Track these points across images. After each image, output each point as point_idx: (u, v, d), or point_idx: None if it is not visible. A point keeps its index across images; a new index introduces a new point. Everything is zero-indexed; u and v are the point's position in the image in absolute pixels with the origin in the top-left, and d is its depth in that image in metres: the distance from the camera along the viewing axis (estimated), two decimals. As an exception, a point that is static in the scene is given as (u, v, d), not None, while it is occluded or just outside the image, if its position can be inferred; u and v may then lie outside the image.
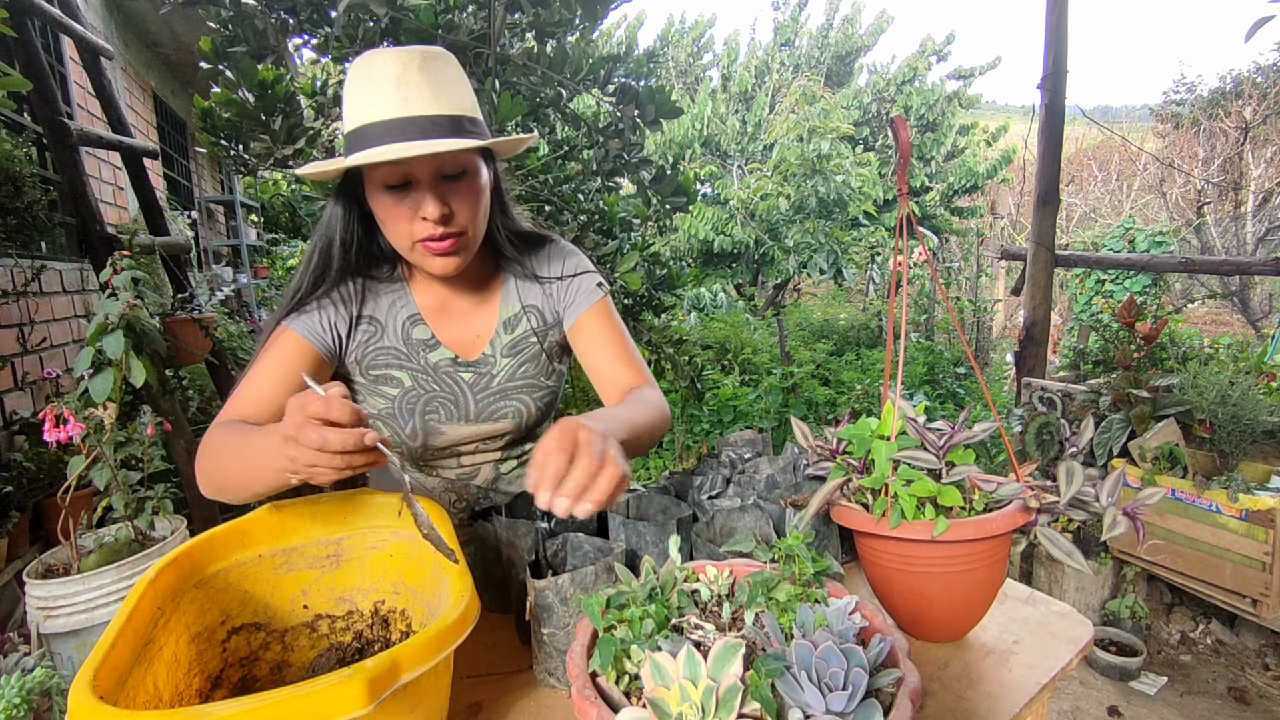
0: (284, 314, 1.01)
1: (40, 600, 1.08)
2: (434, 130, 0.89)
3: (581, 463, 0.67)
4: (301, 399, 0.68)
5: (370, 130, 0.89)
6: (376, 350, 1.08)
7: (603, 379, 1.11)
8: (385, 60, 0.89)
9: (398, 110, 0.88)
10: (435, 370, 1.10)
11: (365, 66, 0.90)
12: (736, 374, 5.75)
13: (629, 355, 1.12)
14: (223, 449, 0.85)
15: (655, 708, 0.55)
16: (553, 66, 2.54)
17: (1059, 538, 0.82)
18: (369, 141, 0.89)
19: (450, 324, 1.11)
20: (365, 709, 0.54)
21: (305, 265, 1.04)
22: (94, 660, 0.59)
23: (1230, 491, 2.36)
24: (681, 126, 10.09)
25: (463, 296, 1.12)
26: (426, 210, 0.92)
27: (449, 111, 0.91)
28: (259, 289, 6.07)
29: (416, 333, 1.09)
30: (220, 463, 0.85)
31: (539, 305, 1.16)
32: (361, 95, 0.90)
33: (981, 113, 12.93)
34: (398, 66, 0.89)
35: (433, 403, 1.10)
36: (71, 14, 2.62)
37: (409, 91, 0.88)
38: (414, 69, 0.89)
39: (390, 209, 0.94)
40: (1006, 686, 0.80)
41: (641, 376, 1.10)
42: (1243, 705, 2.45)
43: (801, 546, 0.73)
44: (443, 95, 0.91)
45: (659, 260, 3.25)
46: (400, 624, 0.87)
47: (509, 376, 1.13)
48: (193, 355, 2.69)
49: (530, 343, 1.15)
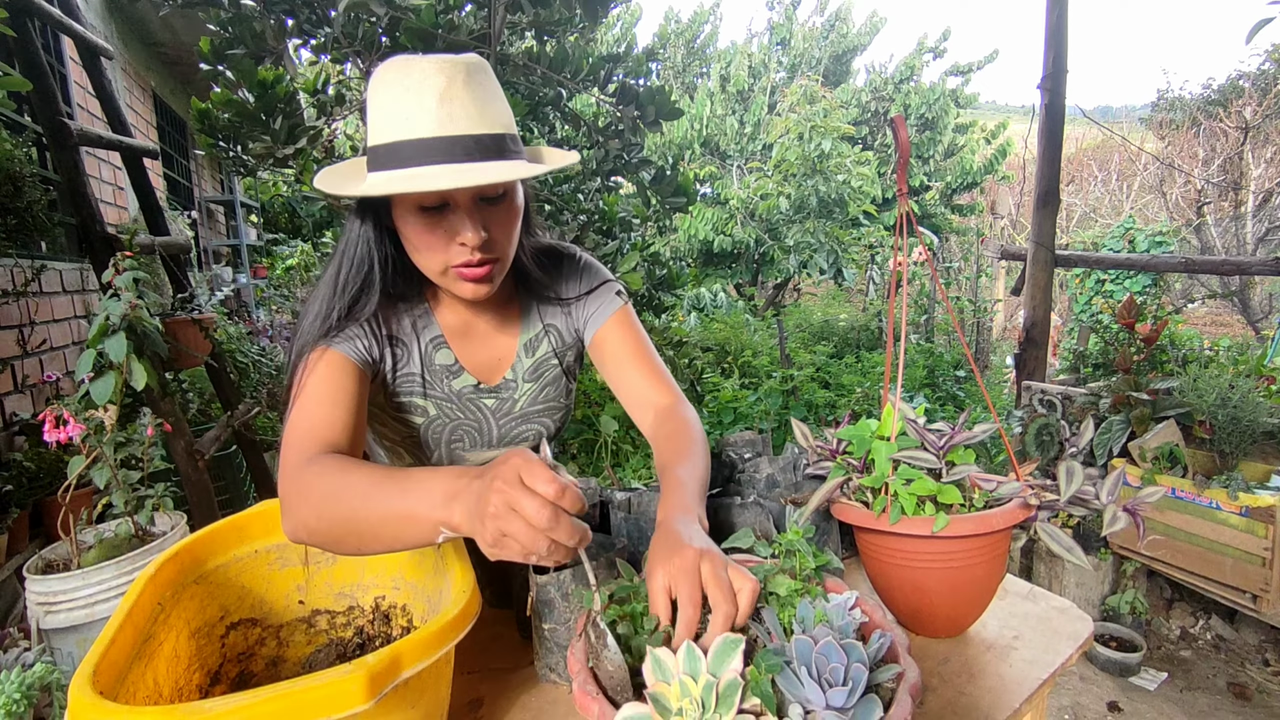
0: (319, 338, 0.92)
1: (40, 595, 1.08)
2: (479, 152, 0.82)
3: (718, 618, 0.64)
4: (528, 466, 0.59)
5: (406, 148, 0.81)
6: (403, 376, 1.03)
7: (631, 397, 1.08)
8: (427, 71, 0.81)
9: (441, 128, 0.81)
10: (459, 398, 1.07)
11: (401, 75, 0.82)
12: (736, 377, 5.75)
13: (656, 370, 1.09)
14: (346, 490, 0.71)
15: (656, 703, 0.55)
16: (553, 66, 2.54)
17: (1059, 533, 0.82)
18: (405, 160, 0.82)
19: (473, 347, 1.08)
20: (366, 704, 0.54)
21: (334, 288, 0.95)
22: (94, 656, 0.59)
23: (1230, 490, 2.37)
24: (680, 127, 10.10)
25: (485, 318, 1.08)
26: (465, 237, 0.86)
27: (493, 130, 0.84)
28: (259, 289, 6.07)
29: (440, 357, 1.05)
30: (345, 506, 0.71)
31: (559, 325, 1.13)
32: (399, 107, 0.82)
33: (981, 112, 12.96)
34: (441, 79, 0.81)
35: (458, 431, 1.07)
36: (71, 14, 2.62)
37: (454, 108, 0.81)
38: (459, 83, 0.82)
39: (423, 233, 0.88)
40: (1006, 682, 0.80)
41: (672, 393, 1.06)
42: (1243, 701, 2.45)
43: (802, 541, 0.73)
44: (488, 113, 0.84)
45: (659, 260, 3.26)
46: (401, 619, 0.87)
47: (531, 401, 1.11)
48: (193, 359, 2.69)
49: (551, 365, 1.13)
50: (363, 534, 0.70)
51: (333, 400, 0.87)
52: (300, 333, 0.95)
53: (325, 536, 0.73)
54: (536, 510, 0.57)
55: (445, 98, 0.81)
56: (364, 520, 0.69)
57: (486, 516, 0.59)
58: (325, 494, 0.72)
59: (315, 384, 0.88)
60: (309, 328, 0.93)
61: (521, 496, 0.58)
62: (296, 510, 0.74)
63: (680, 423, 0.99)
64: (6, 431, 2.20)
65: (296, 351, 0.93)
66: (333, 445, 0.82)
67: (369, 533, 0.69)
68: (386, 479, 0.69)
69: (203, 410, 3.26)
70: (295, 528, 0.74)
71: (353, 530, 0.70)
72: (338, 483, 0.72)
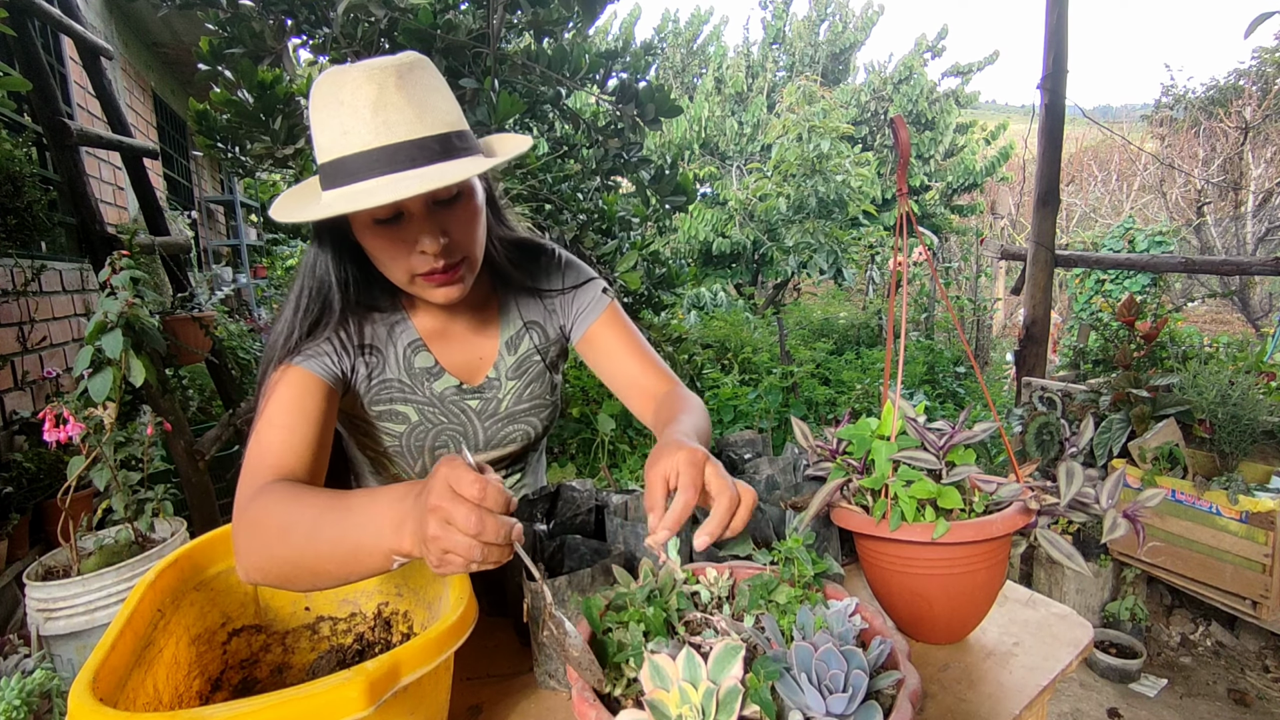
0: (280, 357, 0.90)
1: (40, 602, 1.08)
2: (422, 157, 0.80)
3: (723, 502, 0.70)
4: (454, 473, 0.59)
5: (350, 163, 0.80)
6: (380, 383, 1.02)
7: (628, 387, 1.08)
8: (356, 81, 0.79)
9: (379, 138, 0.79)
10: (441, 401, 1.05)
11: (333, 89, 0.80)
12: (736, 373, 5.75)
13: (650, 359, 1.09)
14: (293, 527, 0.68)
15: (654, 710, 0.55)
16: (551, 65, 2.54)
17: (1059, 540, 0.82)
18: (350, 175, 0.80)
19: (452, 349, 1.06)
20: (366, 711, 0.54)
21: (295, 309, 0.93)
22: (94, 662, 0.59)
23: (1230, 493, 2.37)
24: (679, 127, 10.10)
25: (463, 319, 1.07)
26: (424, 244, 0.85)
27: (435, 131, 0.82)
28: (258, 289, 6.08)
29: (419, 361, 1.04)
30: (291, 545, 0.68)
31: (540, 320, 1.12)
32: (336, 121, 0.80)
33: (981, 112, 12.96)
34: (372, 87, 0.79)
35: (441, 436, 1.06)
36: (71, 14, 2.62)
37: (389, 115, 0.79)
38: (390, 88, 0.79)
39: (383, 245, 0.86)
40: (1006, 688, 0.80)
41: (668, 379, 1.07)
42: (1243, 707, 2.45)
43: (801, 549, 0.73)
44: (426, 114, 0.82)
45: (658, 259, 3.26)
46: (402, 626, 0.87)
47: (516, 400, 1.10)
48: (193, 354, 2.70)
49: (534, 361, 1.12)
50: (315, 570, 0.68)
51: (289, 424, 0.84)
52: (265, 352, 0.94)
53: (277, 576, 0.70)
54: (464, 518, 0.57)
55: (379, 105, 0.79)
56: (314, 556, 0.67)
57: (428, 539, 0.58)
58: (273, 531, 0.70)
59: (273, 408, 0.86)
60: (271, 347, 0.92)
61: (453, 508, 0.58)
62: (246, 553, 0.71)
63: (682, 399, 1.01)
64: (6, 430, 2.20)
65: (261, 373, 0.92)
66: (287, 471, 0.79)
67: (320, 569, 0.67)
68: (331, 508, 0.67)
69: (203, 408, 3.27)
70: (248, 571, 0.72)
71: (303, 567, 0.68)
72: (284, 518, 0.69)
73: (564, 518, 0.97)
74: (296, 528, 0.68)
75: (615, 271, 2.82)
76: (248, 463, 0.81)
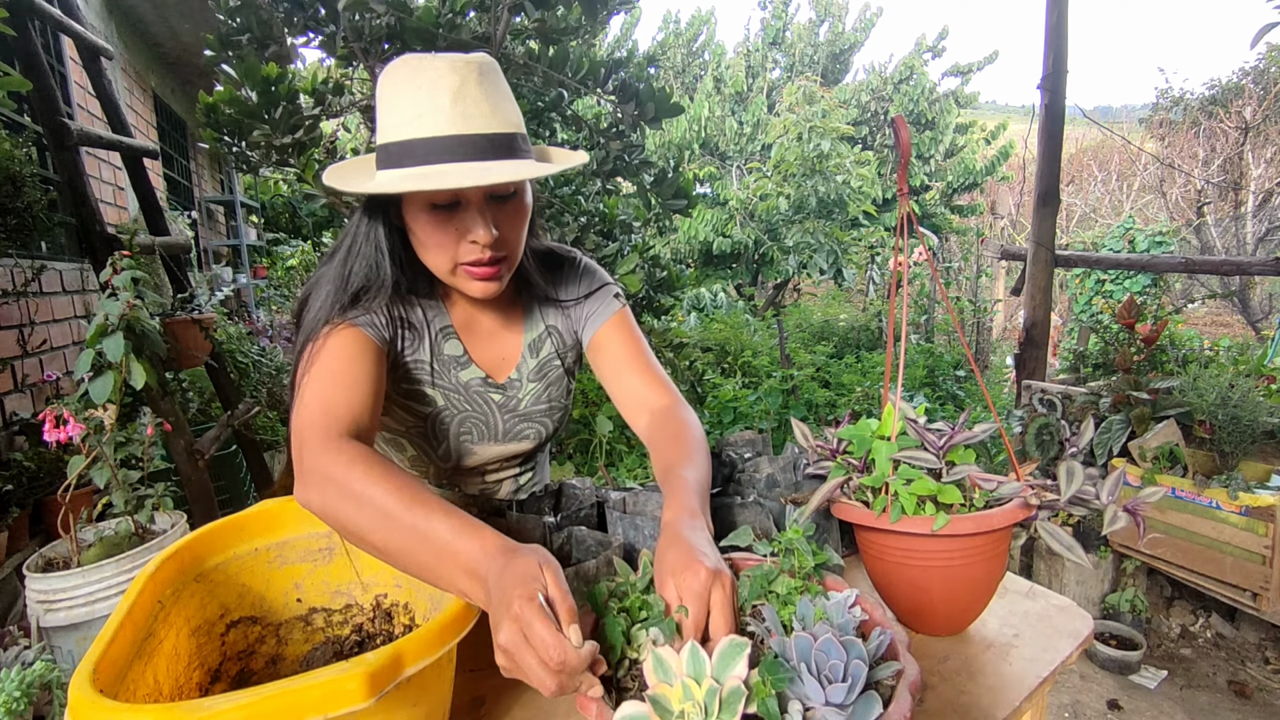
0: (330, 317, 0.89)
1: (40, 594, 1.08)
2: (492, 151, 0.83)
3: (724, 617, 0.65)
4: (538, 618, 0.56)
5: (420, 146, 0.82)
6: (411, 362, 1.03)
7: (628, 399, 1.07)
8: (441, 69, 0.82)
9: (455, 127, 0.81)
10: (467, 389, 1.07)
11: (414, 73, 0.83)
12: (737, 377, 5.75)
13: (653, 371, 1.08)
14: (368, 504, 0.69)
15: (656, 705, 0.55)
16: (553, 66, 2.54)
17: (1059, 532, 0.82)
18: (418, 158, 0.82)
19: (479, 343, 1.09)
20: (366, 702, 0.54)
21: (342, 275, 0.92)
22: (94, 654, 0.59)
23: (1230, 490, 2.37)
24: (680, 128, 10.11)
25: (489, 316, 1.09)
26: (477, 234, 0.87)
27: (505, 129, 0.85)
28: (259, 289, 6.07)
29: (449, 348, 1.06)
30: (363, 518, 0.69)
31: (559, 326, 1.14)
32: (412, 105, 0.82)
33: (981, 112, 12.98)
34: (455, 78, 0.81)
35: (466, 423, 1.07)
36: (71, 14, 2.62)
37: (468, 107, 0.82)
38: (473, 82, 0.82)
39: (434, 231, 0.88)
40: (1006, 680, 0.80)
41: (670, 394, 1.06)
42: (1243, 699, 2.45)
43: (801, 540, 0.74)
44: (500, 112, 0.85)
45: (658, 262, 3.26)
46: (404, 617, 0.87)
47: (534, 401, 1.12)
48: (193, 358, 2.69)
49: (554, 366, 1.14)
50: (377, 549, 0.70)
51: (351, 378, 0.84)
52: (304, 324, 0.93)
53: (335, 525, 0.72)
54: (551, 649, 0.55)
55: (459, 96, 0.81)
56: (381, 542, 0.68)
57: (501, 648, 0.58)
58: (347, 492, 0.70)
59: (329, 360, 0.85)
60: (318, 311, 0.91)
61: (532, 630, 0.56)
62: (318, 488, 0.72)
63: (680, 424, 0.98)
64: (6, 431, 2.20)
65: (305, 334, 0.90)
66: (354, 426, 0.79)
67: (384, 555, 0.69)
68: (406, 510, 0.67)
69: (203, 410, 3.26)
70: (309, 500, 0.73)
71: (368, 542, 0.70)
72: (363, 489, 0.69)
73: (568, 511, 0.99)
74: (371, 506, 0.69)
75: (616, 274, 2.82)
76: (307, 412, 0.79)
